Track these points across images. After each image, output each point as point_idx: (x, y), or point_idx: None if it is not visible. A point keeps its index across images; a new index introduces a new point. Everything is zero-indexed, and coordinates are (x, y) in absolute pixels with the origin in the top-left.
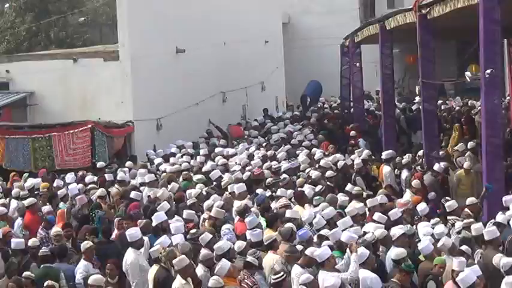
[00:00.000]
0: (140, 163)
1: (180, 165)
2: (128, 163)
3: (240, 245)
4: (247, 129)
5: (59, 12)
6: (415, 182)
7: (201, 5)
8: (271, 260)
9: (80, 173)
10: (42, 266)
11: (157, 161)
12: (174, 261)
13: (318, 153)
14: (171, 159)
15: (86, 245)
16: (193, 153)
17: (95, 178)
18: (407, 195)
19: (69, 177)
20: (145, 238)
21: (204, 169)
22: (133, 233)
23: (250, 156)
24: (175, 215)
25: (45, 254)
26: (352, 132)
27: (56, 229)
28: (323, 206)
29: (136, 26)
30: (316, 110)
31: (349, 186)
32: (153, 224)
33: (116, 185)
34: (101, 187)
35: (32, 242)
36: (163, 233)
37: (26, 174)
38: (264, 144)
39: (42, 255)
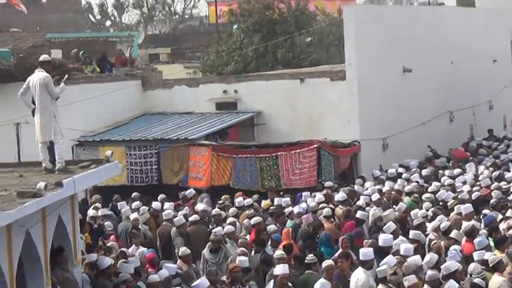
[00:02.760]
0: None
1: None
2: (357, 181)
3: (474, 266)
4: (474, 149)
5: (286, 33)
6: None
7: (428, 24)
8: (495, 282)
9: (324, 191)
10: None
11: (367, 184)
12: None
13: None
14: (386, 183)
15: (326, 263)
16: (420, 173)
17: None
18: None
19: (303, 195)
20: None
21: (430, 189)
22: (366, 252)
23: (477, 177)
24: (400, 235)
25: (311, 262)
26: None
27: (279, 252)
28: None
29: (363, 46)
30: None
31: None
32: (380, 244)
33: (339, 206)
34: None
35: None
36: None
37: (255, 196)
38: (489, 165)
39: (308, 262)
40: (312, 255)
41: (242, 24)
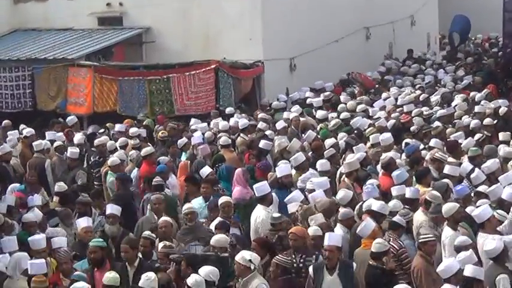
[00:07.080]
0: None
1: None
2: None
3: (395, 204)
4: (393, 72)
5: None
6: None
7: None
8: (416, 221)
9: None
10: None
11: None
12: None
13: (476, 97)
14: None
15: (222, 199)
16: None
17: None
18: None
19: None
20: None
21: (342, 116)
22: (259, 186)
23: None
24: (311, 168)
25: (159, 184)
26: None
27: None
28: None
29: None
30: (470, 48)
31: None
32: (278, 177)
33: (241, 134)
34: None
35: None
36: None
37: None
38: (416, 88)
39: (156, 184)
40: None
41: None
